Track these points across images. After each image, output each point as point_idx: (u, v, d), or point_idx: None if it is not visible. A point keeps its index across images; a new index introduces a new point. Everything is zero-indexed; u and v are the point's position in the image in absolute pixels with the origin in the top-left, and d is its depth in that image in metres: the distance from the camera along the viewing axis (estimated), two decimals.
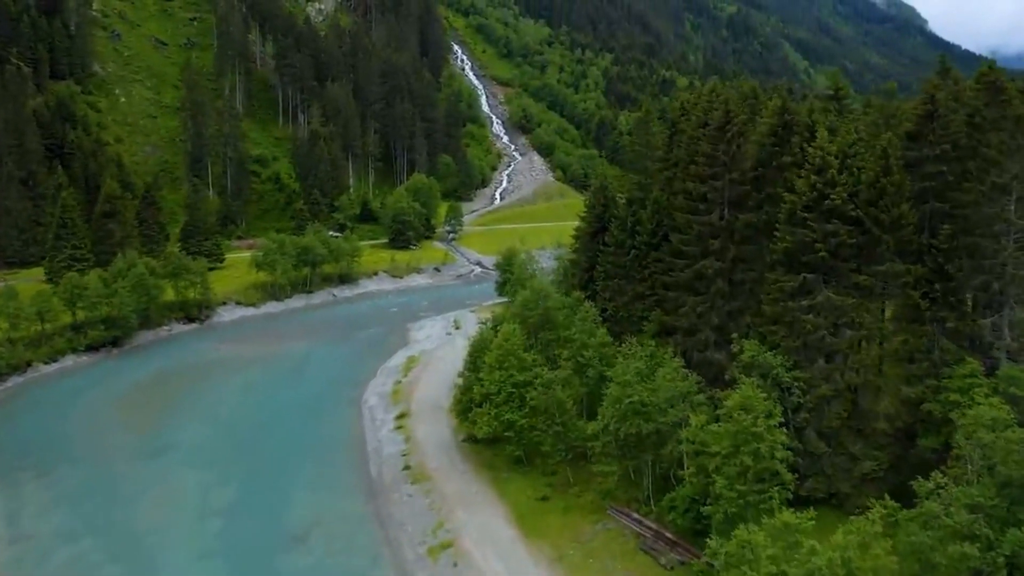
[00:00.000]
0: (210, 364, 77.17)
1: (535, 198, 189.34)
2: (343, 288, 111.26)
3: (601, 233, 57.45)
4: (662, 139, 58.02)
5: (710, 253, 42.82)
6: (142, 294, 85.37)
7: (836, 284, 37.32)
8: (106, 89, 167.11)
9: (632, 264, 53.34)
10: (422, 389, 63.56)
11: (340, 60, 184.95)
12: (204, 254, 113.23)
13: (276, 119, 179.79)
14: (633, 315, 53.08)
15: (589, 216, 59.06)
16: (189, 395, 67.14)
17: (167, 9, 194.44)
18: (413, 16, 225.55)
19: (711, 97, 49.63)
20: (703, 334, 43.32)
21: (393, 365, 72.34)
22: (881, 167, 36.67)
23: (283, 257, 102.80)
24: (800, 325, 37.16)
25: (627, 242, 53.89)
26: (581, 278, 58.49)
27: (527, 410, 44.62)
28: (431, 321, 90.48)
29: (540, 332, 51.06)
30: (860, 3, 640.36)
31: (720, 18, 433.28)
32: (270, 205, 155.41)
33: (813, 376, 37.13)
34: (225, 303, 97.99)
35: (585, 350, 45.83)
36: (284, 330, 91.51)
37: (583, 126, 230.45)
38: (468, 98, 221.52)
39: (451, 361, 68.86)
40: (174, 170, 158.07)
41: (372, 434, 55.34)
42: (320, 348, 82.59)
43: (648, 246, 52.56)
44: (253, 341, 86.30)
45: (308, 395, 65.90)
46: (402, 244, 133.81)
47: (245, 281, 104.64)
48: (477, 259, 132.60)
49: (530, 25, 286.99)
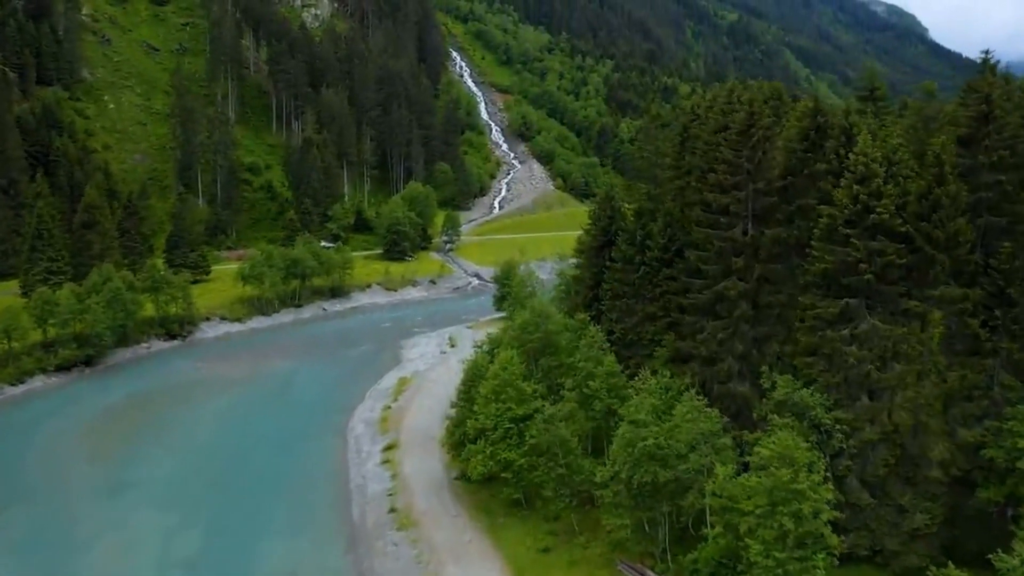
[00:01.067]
0: (188, 385, 72.21)
1: (535, 207, 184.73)
2: (334, 302, 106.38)
3: (607, 247, 52.63)
4: (672, 145, 53.35)
5: (732, 272, 38.00)
6: (118, 310, 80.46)
7: (882, 310, 32.50)
8: (95, 95, 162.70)
9: (642, 282, 48.57)
10: (412, 416, 58.64)
11: (335, 66, 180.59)
12: (190, 266, 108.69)
13: (270, 126, 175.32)
14: (643, 338, 48.32)
15: (594, 228, 54.24)
16: (162, 421, 62.17)
17: (159, 14, 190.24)
18: (411, 22, 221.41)
19: (729, 98, 44.92)
20: (725, 363, 38.43)
21: (383, 388, 67.45)
22: (934, 176, 31.92)
23: (271, 269, 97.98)
24: (841, 358, 32.33)
25: (636, 258, 49.12)
26: (585, 296, 53.64)
27: (526, 448, 39.73)
28: (425, 338, 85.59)
29: (541, 358, 46.22)
30: (861, 11, 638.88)
31: (721, 26, 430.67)
32: (262, 214, 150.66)
33: (856, 417, 32.27)
34: (209, 318, 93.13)
35: (591, 380, 40.95)
36: (270, 347, 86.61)
37: (584, 134, 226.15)
38: (467, 105, 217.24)
39: (445, 383, 64.05)
40: (163, 178, 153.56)
41: (356, 468, 50.39)
42: (307, 367, 77.68)
43: (660, 262, 47.84)
44: (236, 359, 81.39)
45: (290, 422, 60.91)
46: (397, 255, 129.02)
47: (231, 295, 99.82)
48: (475, 271, 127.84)
49: (530, 32, 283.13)
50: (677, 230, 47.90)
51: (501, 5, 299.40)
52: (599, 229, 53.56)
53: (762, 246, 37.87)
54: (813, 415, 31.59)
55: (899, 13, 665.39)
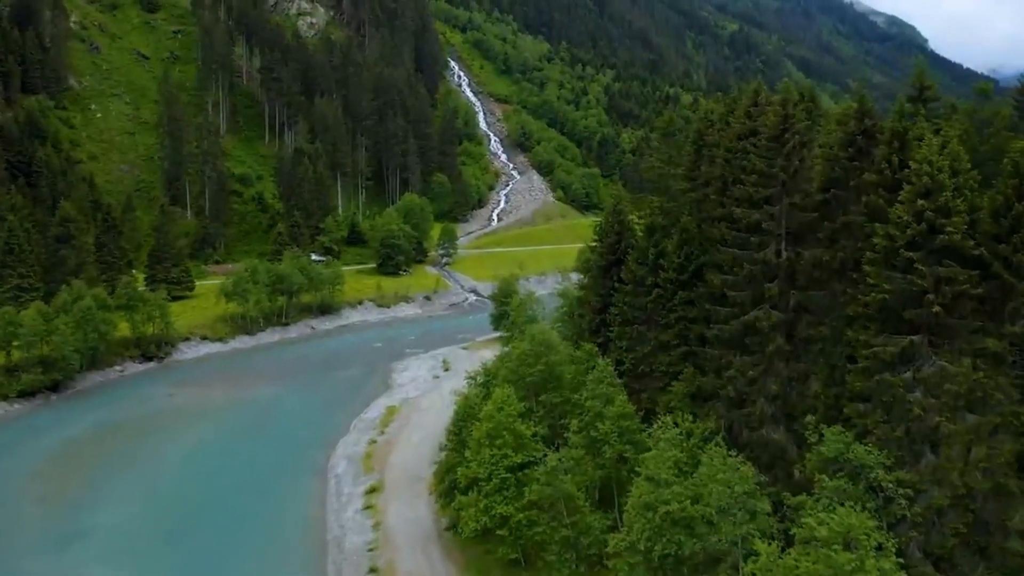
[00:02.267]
0: (158, 415, 66.74)
1: (535, 219, 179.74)
2: (323, 319, 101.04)
3: (616, 267, 47.39)
4: (686, 154, 48.23)
5: (764, 300, 32.72)
6: (89, 330, 75.14)
7: (952, 349, 27.16)
8: (81, 104, 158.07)
9: (655, 306, 43.28)
10: (400, 452, 53.18)
11: (329, 74, 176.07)
12: (172, 282, 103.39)
13: (262, 136, 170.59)
14: (656, 369, 43.03)
15: (600, 246, 49.01)
16: (124, 458, 56.63)
17: (150, 22, 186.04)
18: (408, 31, 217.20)
19: (755, 99, 39.76)
20: (756, 406, 33.07)
21: (369, 418, 61.99)
22: (1014, 189, 26.68)
23: (255, 286, 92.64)
24: (902, 406, 26.96)
25: (648, 279, 43.86)
26: (591, 321, 48.33)
27: (525, 501, 34.31)
28: (417, 360, 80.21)
29: (542, 394, 40.81)
30: (861, 22, 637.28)
31: (721, 36, 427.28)
32: (252, 227, 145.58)
33: (921, 477, 26.87)
34: (189, 338, 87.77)
35: (600, 422, 35.54)
36: (252, 370, 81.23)
37: (584, 144, 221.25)
38: (465, 115, 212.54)
39: (436, 413, 58.74)
40: (151, 190, 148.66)
41: (335, 516, 44.88)
42: (290, 393, 72.22)
43: (675, 284, 42.58)
44: (214, 384, 75.95)
45: (267, 458, 55.40)
46: (391, 270, 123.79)
47: (214, 312, 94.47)
48: (472, 286, 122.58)
49: (529, 41, 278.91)
50: (694, 248, 42.71)
51: (500, 15, 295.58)
52: (606, 246, 48.33)
53: (799, 270, 32.63)
54: (872, 477, 26.18)
55: (899, 24, 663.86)
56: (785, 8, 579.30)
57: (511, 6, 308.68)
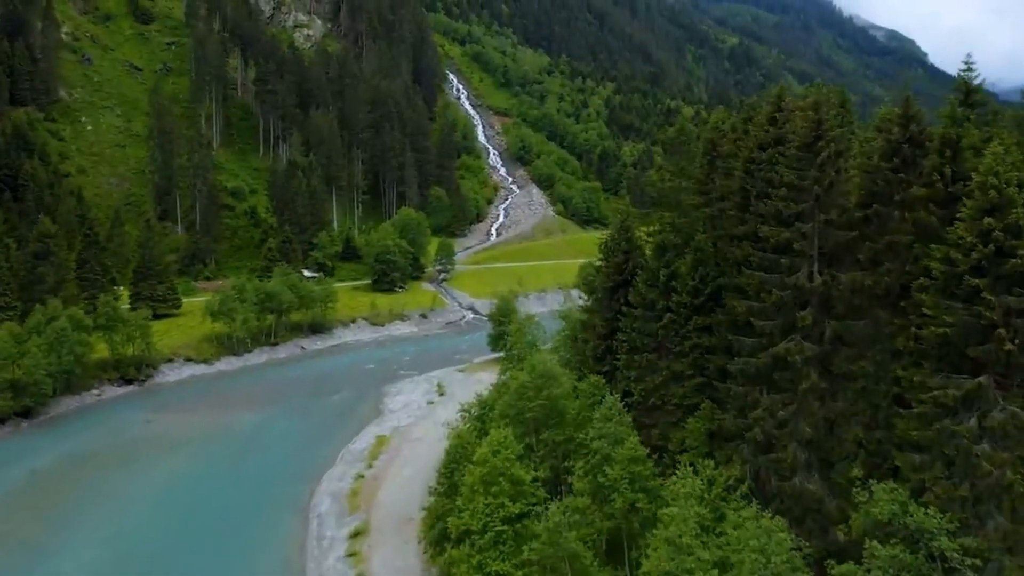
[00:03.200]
0: (134, 444, 62.53)
1: (534, 234, 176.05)
2: (314, 339, 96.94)
3: (623, 288, 43.50)
4: (699, 166, 44.50)
5: (796, 330, 28.78)
6: (64, 352, 71.12)
7: (1021, 393, 23.20)
8: (72, 116, 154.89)
9: (667, 333, 39.38)
10: (388, 489, 49.02)
11: (325, 86, 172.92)
12: (158, 299, 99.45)
13: (256, 149, 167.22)
14: (668, 402, 39.09)
15: (607, 265, 45.12)
16: (93, 493, 52.46)
17: (144, 33, 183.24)
18: (406, 43, 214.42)
19: (778, 104, 36.00)
20: (787, 451, 29.03)
21: (358, 449, 57.82)
22: None
23: (243, 304, 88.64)
24: (967, 460, 22.97)
25: (659, 302, 39.99)
26: (596, 347, 44.36)
27: (524, 558, 30.22)
28: (411, 384, 76.07)
29: (543, 431, 36.76)
30: (860, 36, 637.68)
31: (722, 50, 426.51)
32: (244, 242, 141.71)
33: (989, 544, 22.83)
34: (172, 359, 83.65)
35: (608, 466, 31.48)
36: (237, 394, 77.09)
37: (585, 157, 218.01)
38: (463, 128, 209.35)
39: (429, 444, 54.71)
40: (141, 204, 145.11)
41: (315, 564, 40.68)
42: (275, 420, 68.07)
43: (690, 309, 38.72)
44: (196, 409, 71.80)
45: (246, 494, 51.24)
46: (387, 286, 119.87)
47: (200, 332, 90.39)
48: (469, 303, 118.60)
49: (529, 54, 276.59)
50: (710, 269, 38.87)
51: (500, 28, 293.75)
52: (612, 266, 44.43)
53: (836, 296, 28.71)
54: (934, 544, 22.12)
55: (899, 38, 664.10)
56: (784, 22, 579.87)
57: (511, 19, 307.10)
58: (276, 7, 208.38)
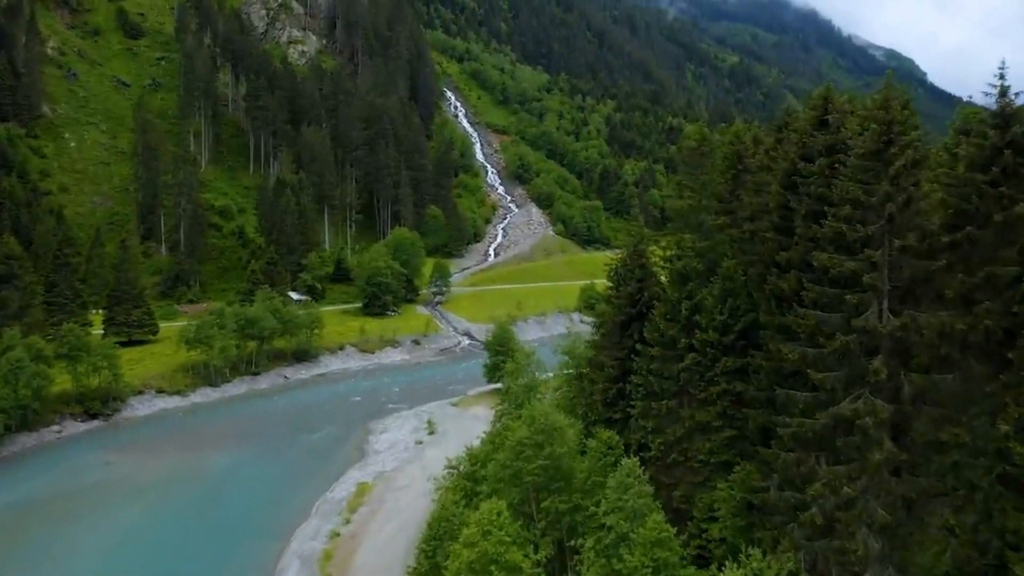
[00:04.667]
0: (89, 490, 56.17)
1: (533, 254, 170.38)
2: (299, 367, 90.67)
3: (637, 322, 37.65)
4: (722, 181, 38.78)
5: (864, 385, 22.81)
6: (21, 385, 64.96)
7: None
8: (55, 132, 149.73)
9: (690, 376, 33.54)
10: (367, 550, 42.77)
11: (319, 103, 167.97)
12: (133, 325, 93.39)
13: (246, 166, 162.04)
14: (692, 458, 33.20)
15: (618, 295, 39.23)
16: (33, 552, 46.10)
17: (133, 48, 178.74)
18: (403, 60, 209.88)
19: (825, 107, 30.29)
20: (856, 540, 22.92)
21: (336, 498, 51.55)
22: None
23: (221, 331, 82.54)
24: None
25: (681, 340, 34.19)
26: (606, 391, 38.29)
27: None
28: (399, 420, 69.81)
29: (544, 497, 30.61)
30: (860, 56, 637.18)
31: (722, 69, 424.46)
32: (231, 263, 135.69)
33: None
34: (142, 391, 77.45)
35: (626, 549, 25.39)
36: (210, 429, 70.86)
37: (585, 176, 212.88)
38: (461, 146, 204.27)
39: (415, 494, 48.57)
40: (125, 223, 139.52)
41: None
42: (248, 461, 61.82)
43: (718, 349, 32.94)
44: (164, 448, 65.47)
45: (204, 554, 44.92)
46: (378, 310, 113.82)
47: (176, 360, 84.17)
48: (465, 328, 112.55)
49: (527, 71, 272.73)
50: (741, 302, 33.05)
51: (498, 45, 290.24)
52: (624, 296, 38.50)
53: (917, 342, 22.75)
54: None
55: (899, 58, 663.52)
56: (784, 42, 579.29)
57: (509, 37, 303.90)
58: (270, 23, 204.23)
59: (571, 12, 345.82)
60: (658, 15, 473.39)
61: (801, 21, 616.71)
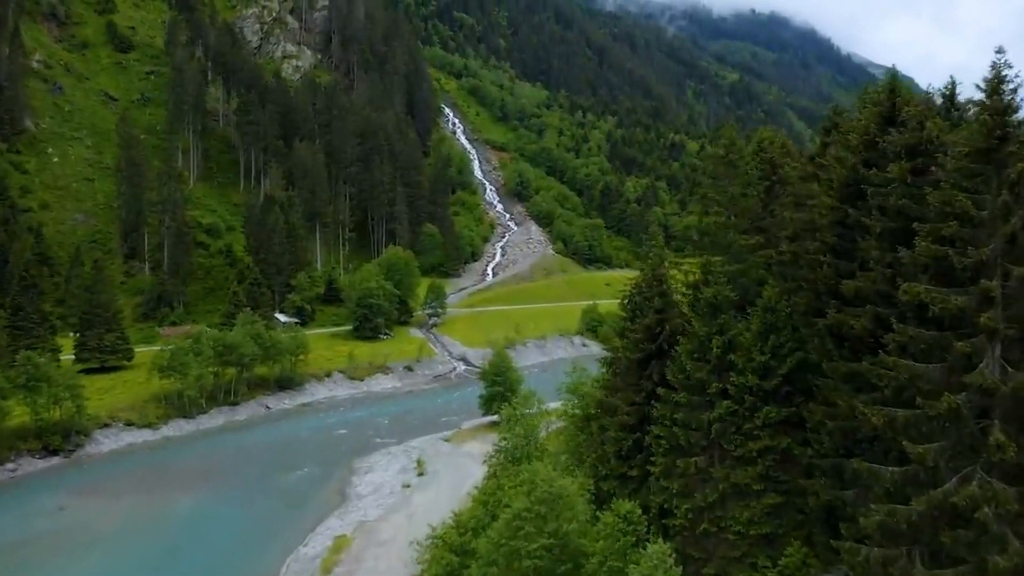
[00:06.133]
0: (35, 541, 49.97)
1: (533, 274, 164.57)
2: (282, 396, 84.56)
3: (657, 361, 31.88)
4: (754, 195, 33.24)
5: (977, 460, 17.03)
6: None
7: None
8: (37, 148, 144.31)
9: (724, 428, 27.92)
10: None
11: (312, 118, 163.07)
12: (106, 350, 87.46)
13: (236, 183, 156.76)
14: (727, 528, 27.49)
15: (634, 329, 33.39)
16: None
17: (122, 62, 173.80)
18: (400, 75, 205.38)
19: (887, 99, 24.75)
20: None
21: (309, 555, 45.32)
22: None
23: (197, 358, 76.60)
24: None
25: (712, 384, 28.54)
26: (620, 443, 32.34)
27: None
28: (386, 457, 63.63)
29: None
30: (859, 74, 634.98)
31: (722, 86, 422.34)
32: (218, 283, 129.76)
33: None
34: (109, 424, 71.33)
35: None
36: (180, 467, 64.72)
37: (586, 193, 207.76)
38: (459, 162, 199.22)
39: (399, 550, 42.49)
40: (107, 241, 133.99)
41: None
42: (217, 506, 55.65)
43: (757, 395, 27.40)
44: (125, 490, 59.28)
45: None
46: (369, 333, 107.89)
47: (149, 390, 78.12)
48: (461, 352, 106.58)
49: (527, 88, 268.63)
50: (786, 338, 27.42)
51: (497, 62, 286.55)
52: (642, 330, 32.64)
53: None
54: None
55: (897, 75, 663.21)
56: (783, 60, 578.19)
57: (508, 54, 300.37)
58: (264, 37, 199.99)
59: (570, 29, 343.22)
60: (657, 32, 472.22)
61: (800, 39, 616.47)
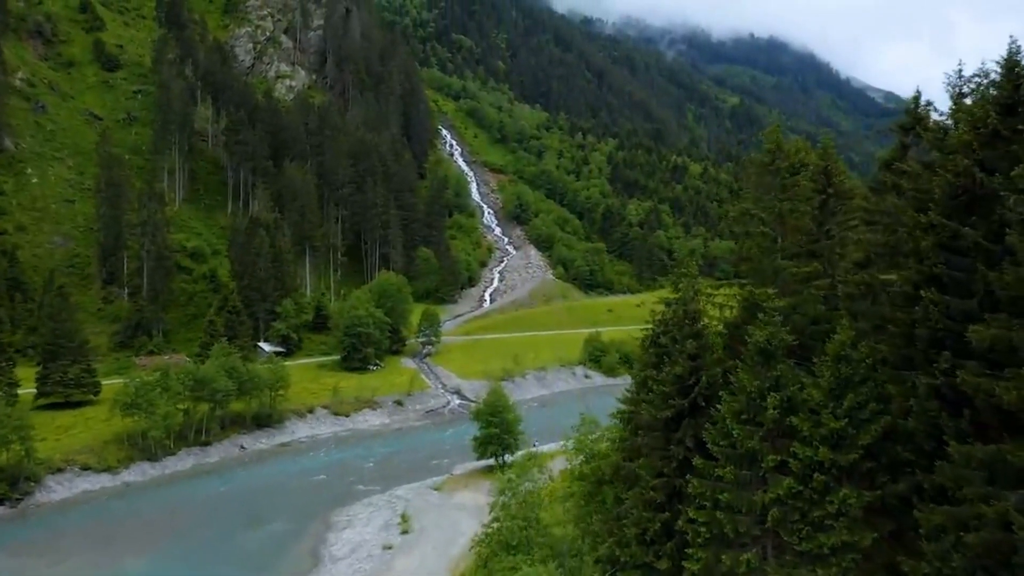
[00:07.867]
0: None
1: (532, 300, 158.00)
2: (259, 436, 77.48)
3: (691, 421, 25.27)
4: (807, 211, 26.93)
5: None
6: None
7: None
8: (16, 168, 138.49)
9: (784, 515, 21.39)
10: None
11: (303, 138, 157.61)
12: (70, 384, 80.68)
13: (224, 205, 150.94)
14: None
15: (660, 379, 26.68)
16: None
17: (109, 80, 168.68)
18: (395, 95, 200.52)
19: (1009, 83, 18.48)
20: None
21: None
22: None
23: (164, 394, 69.83)
24: None
25: (767, 456, 22.23)
26: (645, 525, 25.59)
27: None
28: (368, 509, 56.58)
29: None
30: (858, 98, 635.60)
31: (723, 109, 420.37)
32: (200, 310, 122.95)
33: None
34: (63, 468, 64.30)
35: None
36: (136, 520, 57.54)
37: (586, 216, 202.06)
38: (456, 185, 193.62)
39: None
40: (86, 266, 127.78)
41: None
42: (171, 570, 48.53)
43: (830, 473, 20.92)
44: (72, 548, 52.15)
45: None
46: (358, 364, 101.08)
47: (111, 429, 71.23)
48: (456, 385, 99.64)
49: (526, 110, 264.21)
50: (867, 394, 20.98)
51: (496, 84, 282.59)
52: (670, 380, 25.95)
53: None
54: None
55: (896, 99, 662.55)
56: (783, 84, 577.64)
57: (507, 76, 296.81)
58: (257, 57, 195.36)
59: (570, 52, 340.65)
60: (657, 56, 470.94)
61: (799, 63, 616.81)
